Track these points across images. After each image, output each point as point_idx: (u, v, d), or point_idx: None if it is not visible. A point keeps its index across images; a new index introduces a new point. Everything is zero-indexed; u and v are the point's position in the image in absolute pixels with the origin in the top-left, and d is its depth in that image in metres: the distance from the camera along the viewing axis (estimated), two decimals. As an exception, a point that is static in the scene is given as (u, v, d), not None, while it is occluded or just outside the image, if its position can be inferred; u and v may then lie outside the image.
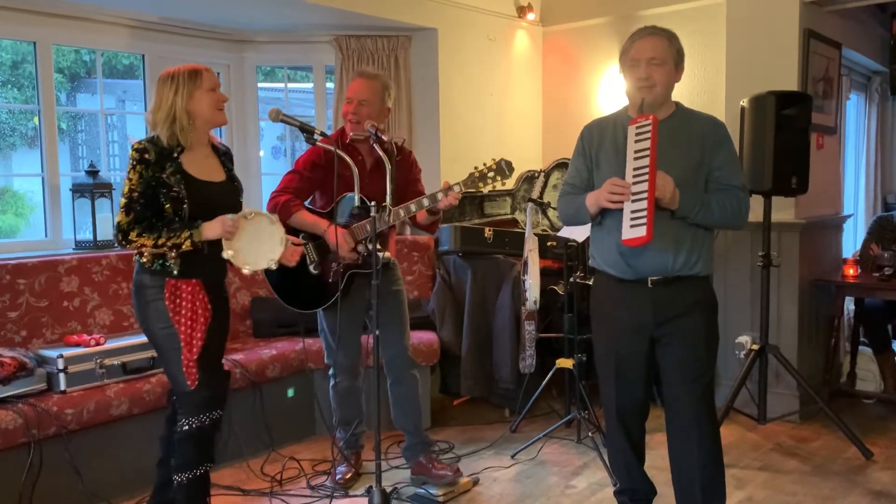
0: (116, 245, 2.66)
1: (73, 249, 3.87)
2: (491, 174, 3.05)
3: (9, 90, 7.31)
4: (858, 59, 5.36)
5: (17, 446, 2.88)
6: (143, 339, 3.38)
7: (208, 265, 2.68)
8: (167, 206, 2.61)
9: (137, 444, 3.24)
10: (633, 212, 2.35)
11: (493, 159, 3.07)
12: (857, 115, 6.02)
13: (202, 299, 2.66)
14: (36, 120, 4.03)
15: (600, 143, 2.60)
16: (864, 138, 6.01)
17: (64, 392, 3.12)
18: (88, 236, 3.89)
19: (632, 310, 2.55)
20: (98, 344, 3.32)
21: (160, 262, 2.63)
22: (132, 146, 2.61)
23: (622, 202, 2.38)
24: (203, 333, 2.66)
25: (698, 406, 2.57)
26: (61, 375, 3.12)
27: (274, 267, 2.72)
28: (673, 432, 2.64)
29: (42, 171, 3.97)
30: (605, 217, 2.54)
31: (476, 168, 3.07)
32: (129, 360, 3.33)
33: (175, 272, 2.62)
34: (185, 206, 2.62)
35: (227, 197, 2.76)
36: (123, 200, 2.59)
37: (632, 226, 2.35)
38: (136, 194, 2.58)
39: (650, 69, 2.48)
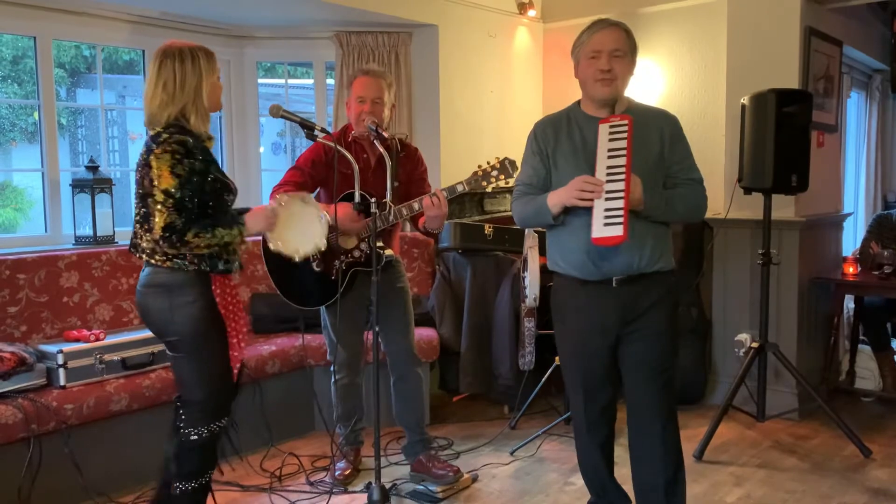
0: (162, 246, 2.39)
1: (73, 245, 3.87)
2: (494, 173, 3.05)
3: (9, 85, 7.31)
4: (859, 58, 5.36)
5: (16, 441, 2.88)
6: (143, 334, 3.38)
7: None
8: (211, 201, 2.44)
9: (137, 439, 3.25)
10: (607, 210, 2.31)
11: (497, 158, 3.06)
12: (857, 114, 6.02)
13: (239, 295, 2.64)
14: (36, 115, 4.03)
15: (556, 142, 2.54)
16: (864, 136, 6.01)
17: (64, 387, 3.12)
18: (88, 231, 3.88)
19: (597, 311, 2.51)
20: (98, 339, 3.32)
21: (204, 261, 2.44)
22: (168, 139, 2.35)
23: (592, 200, 2.33)
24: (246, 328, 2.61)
25: (660, 401, 2.53)
26: (61, 371, 3.12)
27: (323, 247, 2.66)
28: (634, 429, 2.60)
29: (42, 167, 3.97)
30: (571, 217, 2.47)
31: (479, 167, 3.07)
32: (129, 356, 3.33)
33: (220, 266, 2.48)
34: (231, 197, 2.50)
35: (235, 187, 2.68)
36: (171, 201, 2.33)
37: (605, 224, 2.30)
38: (185, 192, 2.34)
39: (613, 61, 2.43)
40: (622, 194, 2.30)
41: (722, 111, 4.38)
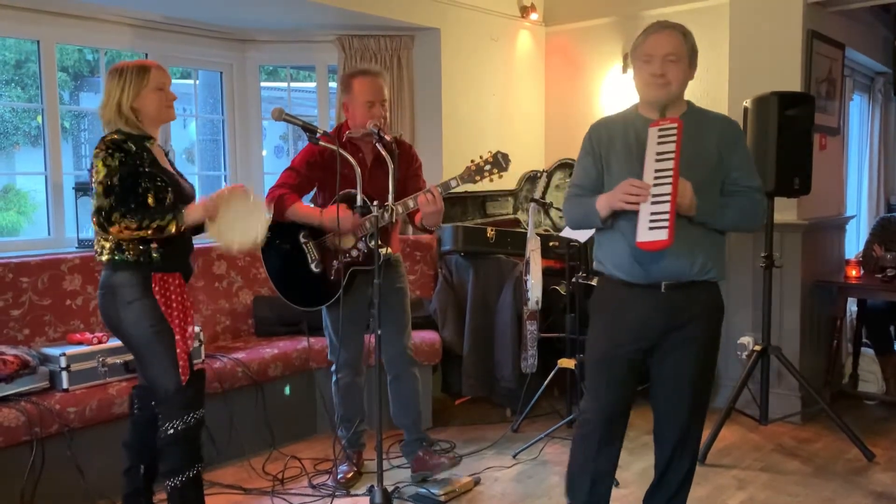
0: (95, 233, 2.60)
1: (76, 248, 3.88)
2: (488, 167, 3.04)
3: (12, 89, 7.32)
4: (862, 60, 5.36)
5: (19, 444, 2.89)
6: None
7: (185, 260, 2.70)
8: (149, 196, 2.57)
9: (139, 442, 3.25)
10: (653, 214, 2.25)
11: (490, 152, 3.06)
12: (860, 116, 6.01)
13: (187, 292, 2.67)
14: (39, 119, 4.04)
15: (610, 143, 2.48)
16: (867, 139, 6.00)
17: (66, 390, 3.13)
18: (91, 235, 3.89)
19: (640, 314, 2.44)
20: (100, 342, 3.33)
21: (144, 253, 2.57)
22: (104, 139, 2.56)
23: (639, 204, 2.28)
24: (193, 325, 2.66)
25: (688, 414, 2.50)
26: (64, 373, 3.13)
27: (260, 242, 2.69)
28: (656, 438, 2.59)
29: (45, 170, 3.98)
30: (619, 220, 2.41)
31: (472, 161, 3.06)
32: (132, 359, 3.31)
33: (157, 259, 2.58)
34: (169, 193, 2.59)
35: (192, 192, 2.74)
36: (100, 187, 2.51)
37: (651, 228, 2.24)
38: (115, 179, 2.51)
39: (666, 66, 2.37)
40: (669, 198, 2.23)
41: (724, 114, 4.37)
